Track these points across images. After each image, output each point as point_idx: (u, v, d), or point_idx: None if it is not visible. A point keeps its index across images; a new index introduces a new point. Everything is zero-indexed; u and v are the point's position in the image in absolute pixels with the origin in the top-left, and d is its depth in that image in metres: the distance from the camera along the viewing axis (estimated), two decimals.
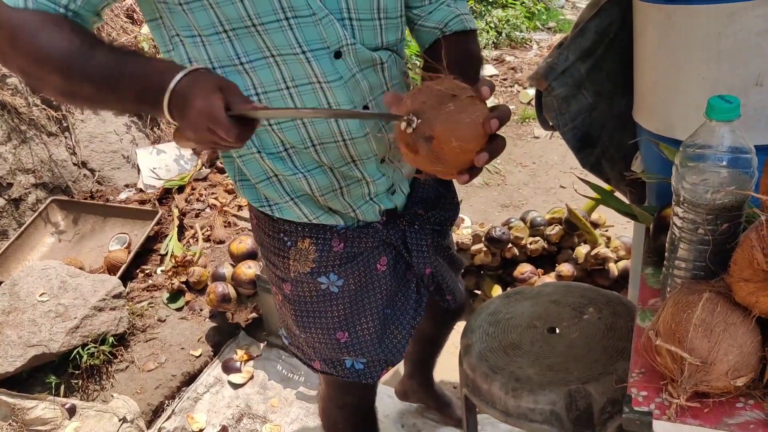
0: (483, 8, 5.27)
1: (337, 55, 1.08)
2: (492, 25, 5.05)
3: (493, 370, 1.39)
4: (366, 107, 1.15)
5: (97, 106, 1.03)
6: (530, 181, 3.43)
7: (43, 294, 2.27)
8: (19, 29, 0.92)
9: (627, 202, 1.51)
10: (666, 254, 1.03)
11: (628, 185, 1.46)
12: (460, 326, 2.33)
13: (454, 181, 1.05)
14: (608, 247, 2.44)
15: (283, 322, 1.47)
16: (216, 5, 1.00)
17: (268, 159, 1.16)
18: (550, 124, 1.53)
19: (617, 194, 1.59)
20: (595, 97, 1.47)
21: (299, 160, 1.17)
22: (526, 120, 3.98)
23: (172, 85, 0.88)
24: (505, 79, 4.49)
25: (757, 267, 0.82)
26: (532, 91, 4.22)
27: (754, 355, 0.86)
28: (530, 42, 5.08)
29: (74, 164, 3.14)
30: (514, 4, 5.52)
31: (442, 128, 0.88)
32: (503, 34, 5.06)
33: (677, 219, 0.96)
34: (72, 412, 2.07)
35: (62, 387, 2.14)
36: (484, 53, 4.82)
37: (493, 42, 4.94)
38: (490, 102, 3.87)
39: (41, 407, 2.04)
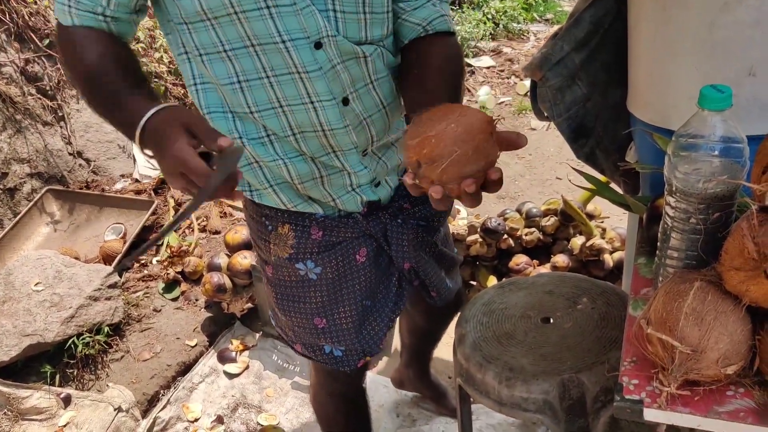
0: None
1: (318, 45, 1.08)
2: (489, 16, 5.03)
3: (486, 360, 1.39)
4: (346, 99, 1.15)
5: (107, 120, 1.11)
6: (526, 173, 3.43)
7: (38, 283, 2.27)
8: (65, 45, 1.08)
9: (621, 192, 1.52)
10: (658, 244, 1.03)
11: (622, 176, 1.47)
12: (456, 319, 2.35)
13: None
14: (603, 238, 2.44)
15: (269, 304, 1.48)
16: None
17: (250, 145, 1.17)
18: (545, 114, 1.54)
19: (612, 185, 1.60)
20: (590, 88, 1.47)
21: (280, 147, 1.18)
22: (523, 111, 3.98)
23: (141, 123, 0.95)
24: (502, 71, 4.48)
25: (748, 256, 0.82)
26: (528, 83, 4.22)
27: (745, 343, 0.86)
28: (527, 33, 5.07)
29: (70, 154, 3.13)
30: None
31: (447, 177, 0.84)
32: (500, 26, 5.04)
33: (669, 208, 0.96)
34: (67, 401, 2.07)
35: (57, 376, 2.15)
36: (481, 45, 4.80)
37: (491, 33, 4.93)
38: (486, 94, 3.81)
39: (36, 396, 2.05)
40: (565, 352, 1.39)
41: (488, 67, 4.53)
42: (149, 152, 0.96)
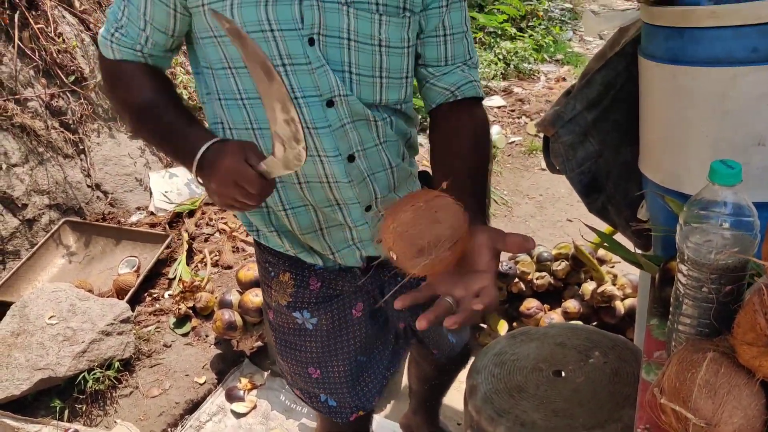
0: (492, 40, 5.33)
1: (330, 104, 1.11)
2: (500, 56, 5.10)
3: (498, 414, 1.39)
4: (351, 156, 1.17)
5: (156, 149, 1.18)
6: (537, 214, 3.44)
7: (52, 317, 2.29)
8: (113, 78, 1.17)
9: (632, 247, 1.52)
10: (671, 309, 1.04)
11: (634, 233, 1.48)
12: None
13: None
14: (615, 284, 2.44)
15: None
16: (222, 43, 1.08)
17: None
18: (557, 168, 1.55)
19: (623, 239, 1.60)
20: (601, 146, 1.48)
21: (286, 195, 1.21)
22: (534, 152, 4.00)
23: (199, 153, 1.00)
24: (513, 110, 4.52)
25: (760, 332, 0.82)
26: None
27: (759, 418, 0.86)
28: (538, 73, 5.12)
29: (88, 186, 3.18)
30: (523, 36, 5.57)
31: (414, 272, 0.92)
32: (511, 66, 5.10)
33: (682, 276, 0.97)
34: None
35: (66, 411, 2.15)
36: (492, 84, 4.85)
37: (501, 73, 4.98)
38: (497, 134, 3.82)
39: (44, 431, 2.05)
40: (577, 407, 1.39)
41: (499, 107, 4.57)
42: (202, 176, 1.02)
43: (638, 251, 1.37)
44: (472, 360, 1.58)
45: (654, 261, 1.25)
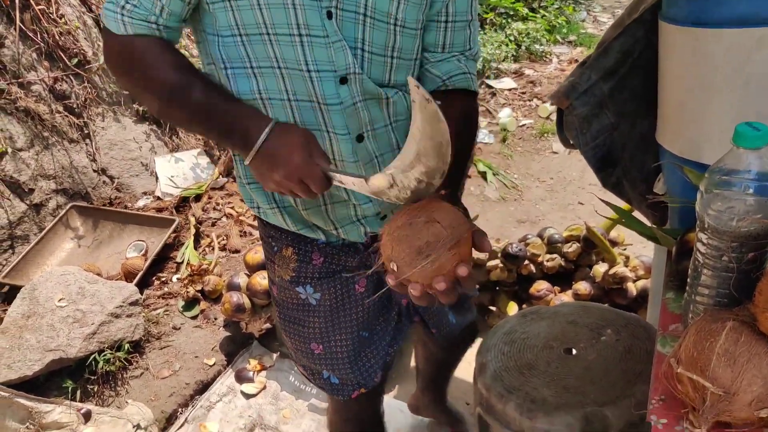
0: (503, 21, 5.26)
1: (343, 80, 1.08)
2: (512, 38, 5.04)
3: (508, 390, 1.38)
4: (360, 136, 1.16)
5: (187, 130, 1.13)
6: (548, 197, 3.41)
7: (61, 299, 2.29)
8: (127, 55, 1.06)
9: (648, 223, 1.50)
10: (689, 280, 1.01)
11: (649, 207, 1.45)
12: (474, 345, 2.32)
13: (463, 199, 1.09)
14: (627, 266, 2.41)
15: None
16: (236, 8, 1.03)
17: None
18: (571, 142, 1.53)
19: (637, 215, 1.58)
20: (617, 118, 1.45)
21: None
22: (545, 135, 3.96)
23: (260, 141, 0.99)
24: (524, 93, 4.47)
25: None
26: (551, 106, 4.21)
27: None
28: (550, 55, 5.06)
29: (94, 171, 3.17)
30: (535, 17, 5.50)
31: (416, 277, 0.89)
32: (523, 47, 5.04)
33: (701, 245, 0.94)
34: (87, 417, 2.08)
35: (78, 392, 2.16)
36: (503, 66, 4.80)
37: (513, 55, 4.92)
38: (508, 116, 3.82)
39: (58, 411, 2.06)
40: (588, 384, 1.37)
41: (510, 89, 4.53)
42: (260, 163, 1.00)
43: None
44: (479, 341, 1.57)
45: (671, 234, 1.23)
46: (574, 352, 1.47)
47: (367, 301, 1.34)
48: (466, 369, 2.26)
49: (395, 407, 2.19)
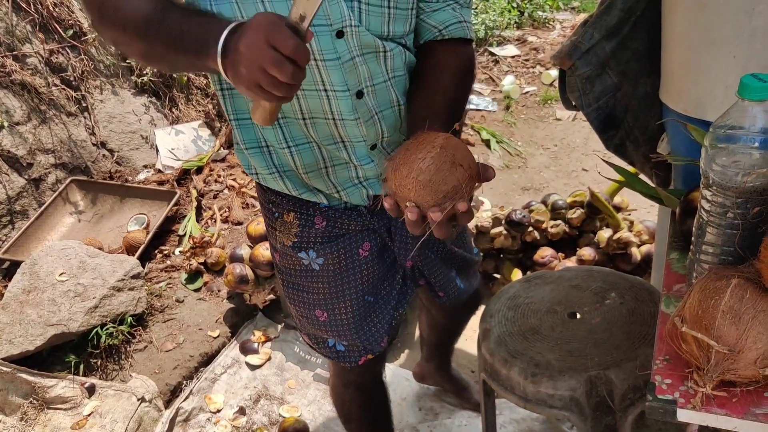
0: None
1: (339, 34, 1.05)
2: (514, 4, 4.95)
3: (512, 355, 1.37)
4: (360, 92, 1.13)
5: (172, 67, 1.06)
6: (551, 164, 3.37)
7: (62, 274, 2.28)
8: (98, 3, 1.00)
9: (652, 185, 1.47)
10: (693, 239, 0.99)
11: (653, 168, 1.42)
12: (479, 312, 2.32)
13: None
14: (631, 231, 2.39)
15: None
16: None
17: (260, 127, 1.16)
18: (573, 104, 1.50)
19: (641, 177, 1.55)
20: (620, 77, 1.42)
21: (289, 131, 1.16)
22: (548, 102, 3.91)
23: (224, 35, 0.88)
24: (527, 60, 4.41)
25: None
26: (554, 72, 4.15)
27: None
28: (553, 22, 4.98)
29: (93, 144, 3.15)
30: None
31: (417, 198, 0.90)
32: (526, 14, 4.96)
33: (705, 202, 0.92)
34: (91, 391, 2.09)
35: (82, 366, 2.16)
36: (506, 33, 4.73)
37: (516, 22, 4.84)
38: (511, 84, 3.78)
39: (61, 386, 2.07)
40: (592, 348, 1.36)
41: (513, 57, 4.46)
42: (230, 63, 0.88)
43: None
44: (482, 308, 1.56)
45: (675, 195, 1.21)
46: (578, 316, 1.46)
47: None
48: (471, 337, 2.26)
49: (401, 375, 2.19)
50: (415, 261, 1.39)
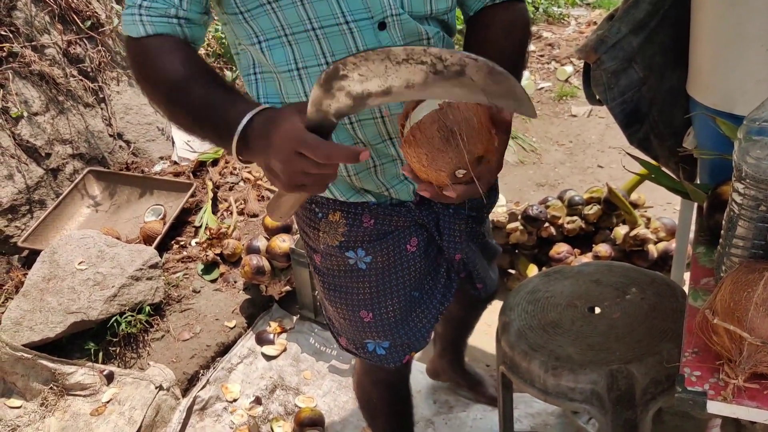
0: None
1: (382, 26, 1.04)
2: (529, 0, 4.94)
3: (532, 348, 1.37)
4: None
5: (196, 137, 1.06)
6: (567, 160, 3.37)
7: (81, 262, 2.30)
8: (141, 58, 1.02)
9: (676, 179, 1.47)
10: (722, 232, 0.99)
11: (680, 162, 1.42)
12: (494, 306, 2.32)
13: None
14: (648, 228, 2.39)
15: (318, 293, 1.47)
16: None
17: None
18: (597, 98, 1.49)
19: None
20: (646, 72, 1.42)
21: (336, 137, 1.14)
22: (563, 98, 3.90)
23: (242, 123, 0.90)
24: (542, 56, 4.39)
25: None
26: (569, 68, 4.13)
27: None
28: (568, 18, 4.95)
29: (110, 135, 3.16)
30: None
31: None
32: (540, 10, 4.94)
33: (737, 195, 0.92)
34: (110, 378, 2.11)
35: (100, 354, 2.18)
36: None
37: (530, 17, 4.83)
38: (526, 80, 3.74)
39: (80, 373, 2.09)
40: (613, 342, 1.36)
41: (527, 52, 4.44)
42: (252, 154, 0.91)
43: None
44: (496, 302, 1.55)
45: (702, 189, 1.21)
46: (598, 310, 1.46)
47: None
48: (485, 331, 2.26)
49: (415, 368, 2.19)
50: (462, 253, 1.38)
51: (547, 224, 2.45)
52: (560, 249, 2.42)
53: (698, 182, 1.38)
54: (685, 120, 1.39)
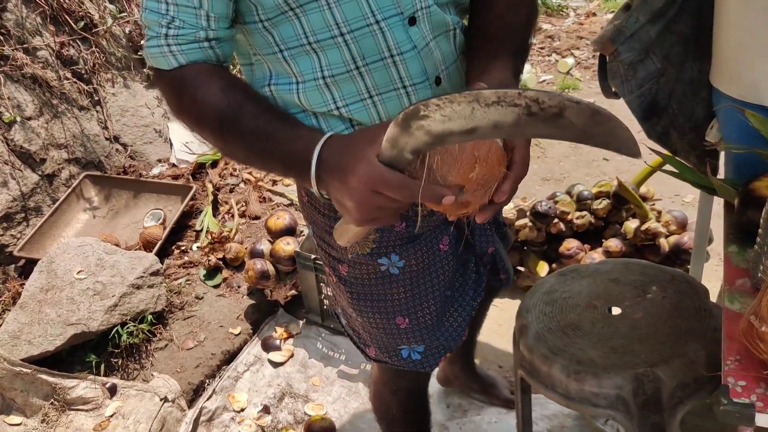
0: None
1: (412, 21, 1.00)
2: None
3: (552, 352, 1.32)
4: (438, 78, 1.08)
5: (254, 167, 1.02)
6: (571, 154, 3.32)
7: (80, 271, 2.24)
8: (178, 93, 0.98)
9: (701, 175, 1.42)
10: (760, 231, 0.94)
11: (707, 157, 1.37)
12: (504, 305, 2.28)
13: None
14: (659, 221, 2.34)
15: (338, 304, 1.41)
16: None
17: None
18: (613, 90, 1.44)
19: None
20: (664, 62, 1.37)
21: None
22: (565, 90, 3.85)
23: (314, 157, 0.87)
24: (542, 48, 4.34)
25: None
26: (570, 60, 4.08)
27: None
28: (567, 9, 4.90)
29: (106, 139, 3.10)
30: None
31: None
32: (539, 1, 4.89)
33: None
34: (113, 391, 2.05)
35: (102, 366, 2.13)
36: None
37: None
38: (527, 72, 3.68)
39: (82, 386, 2.03)
40: (637, 344, 1.32)
41: None
42: (328, 189, 0.88)
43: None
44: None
45: (729, 184, 1.15)
46: (618, 311, 1.41)
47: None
48: (495, 331, 2.22)
49: None
50: (493, 246, 1.37)
51: (556, 220, 2.40)
52: (570, 245, 2.38)
53: (721, 177, 1.33)
54: (707, 112, 1.33)
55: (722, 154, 1.36)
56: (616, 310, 1.41)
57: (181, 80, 0.96)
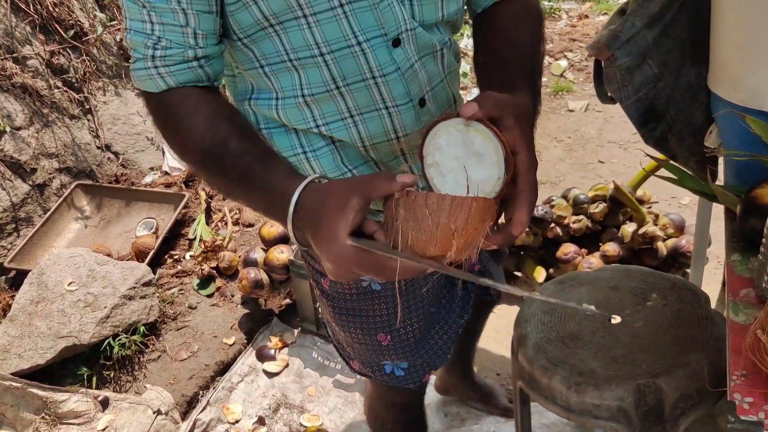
0: None
1: (396, 43, 0.97)
2: None
3: (552, 363, 1.30)
4: (423, 100, 1.05)
5: (238, 203, 0.99)
6: (566, 157, 3.30)
7: (71, 283, 2.21)
8: (164, 119, 0.95)
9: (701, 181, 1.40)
10: (764, 240, 0.92)
11: (707, 163, 1.34)
12: (501, 311, 2.25)
13: None
14: (656, 225, 2.32)
15: (324, 317, 1.39)
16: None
17: (314, 157, 1.06)
18: (610, 96, 1.42)
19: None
20: (661, 68, 1.35)
21: (347, 156, 1.07)
22: (559, 93, 3.84)
23: (290, 214, 0.83)
24: None
25: None
26: (564, 63, 4.06)
27: None
28: (559, 12, 4.90)
29: (98, 147, 3.07)
30: None
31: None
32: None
33: None
34: (105, 404, 2.02)
35: (94, 379, 2.10)
36: None
37: None
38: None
39: (74, 400, 2.00)
40: (638, 354, 1.29)
41: None
42: (305, 241, 0.84)
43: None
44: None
45: (731, 191, 1.13)
46: (617, 319, 1.39)
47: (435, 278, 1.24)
48: (493, 338, 2.20)
49: None
50: (484, 262, 1.35)
51: (552, 224, 2.38)
52: (567, 250, 2.35)
53: (721, 182, 1.31)
54: (705, 117, 1.31)
55: (721, 159, 1.34)
56: (615, 319, 1.39)
57: (167, 106, 0.94)
